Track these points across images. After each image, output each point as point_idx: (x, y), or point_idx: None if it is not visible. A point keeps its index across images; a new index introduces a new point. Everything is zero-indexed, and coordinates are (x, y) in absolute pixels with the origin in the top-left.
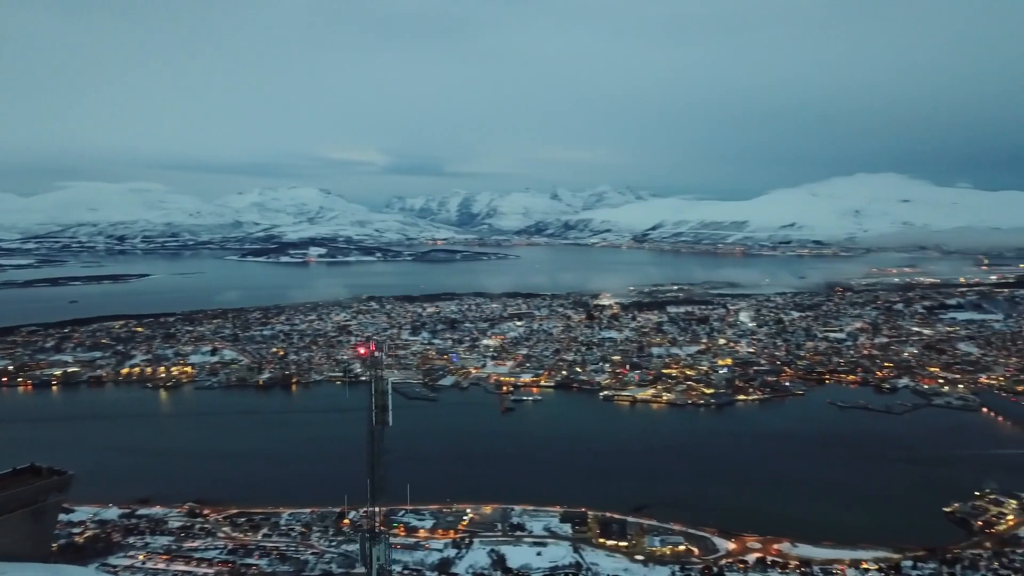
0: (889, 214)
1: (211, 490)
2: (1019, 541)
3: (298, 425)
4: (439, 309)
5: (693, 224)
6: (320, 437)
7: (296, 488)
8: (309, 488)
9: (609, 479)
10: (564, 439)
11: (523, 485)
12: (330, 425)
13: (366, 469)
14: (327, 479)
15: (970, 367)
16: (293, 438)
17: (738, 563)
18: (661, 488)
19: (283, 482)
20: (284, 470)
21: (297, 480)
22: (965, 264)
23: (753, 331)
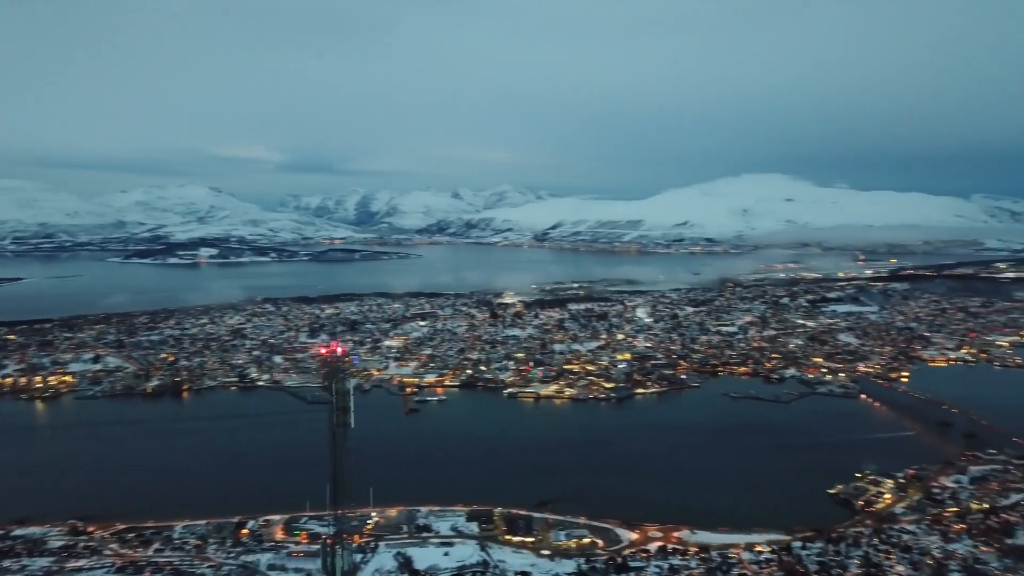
0: (775, 213)
1: (96, 505)
2: (896, 518)
3: (191, 434)
4: (339, 310)
5: (591, 223)
6: (215, 445)
7: (190, 499)
8: (204, 498)
9: (514, 476)
10: (469, 438)
11: (429, 486)
12: (226, 433)
13: (328, 472)
14: (223, 488)
15: (850, 356)
16: (186, 447)
17: (641, 552)
18: (565, 482)
19: (176, 494)
20: (177, 481)
21: (191, 491)
22: (844, 260)
23: (650, 326)
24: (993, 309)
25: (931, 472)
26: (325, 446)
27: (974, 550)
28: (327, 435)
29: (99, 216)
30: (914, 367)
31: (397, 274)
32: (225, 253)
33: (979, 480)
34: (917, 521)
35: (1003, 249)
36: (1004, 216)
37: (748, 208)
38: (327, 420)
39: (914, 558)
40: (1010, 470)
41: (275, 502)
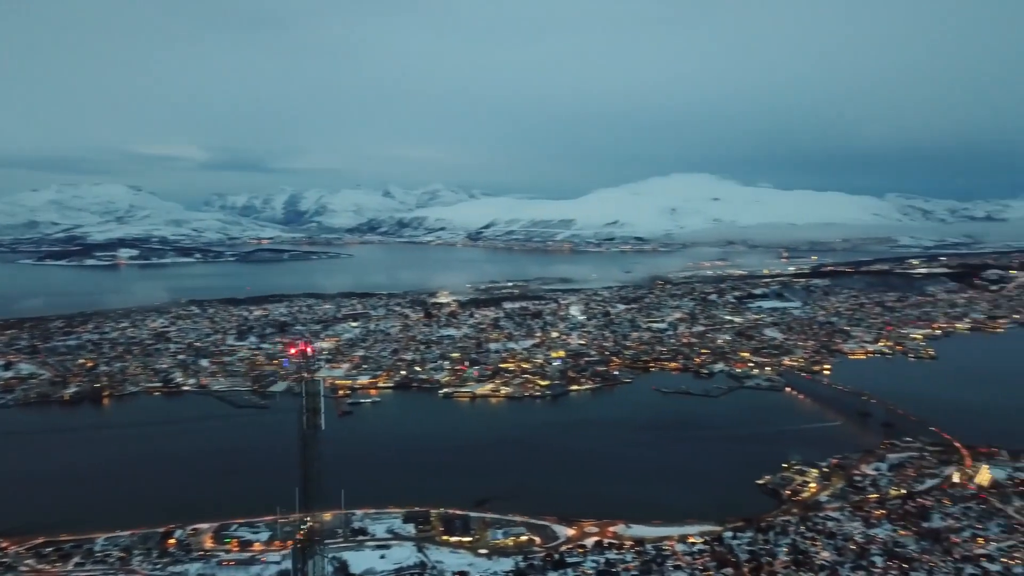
0: (702, 212)
1: (11, 519)
2: (821, 506)
3: (112, 441)
4: (267, 312)
5: (524, 222)
6: (138, 453)
7: (112, 510)
8: (128, 509)
9: (451, 476)
10: (405, 439)
11: (364, 488)
12: (150, 440)
13: (298, 475)
14: (148, 497)
15: (775, 351)
16: (107, 456)
17: (578, 548)
18: (502, 481)
19: (97, 504)
20: (98, 491)
21: (113, 501)
22: (768, 257)
23: (583, 324)
24: (907, 303)
25: (853, 461)
26: (257, 451)
27: (893, 534)
28: (296, 437)
29: (9, 216)
30: (835, 360)
31: (328, 274)
32: (146, 254)
33: (897, 467)
34: (841, 508)
35: (915, 246)
36: (916, 214)
37: (676, 207)
38: (260, 423)
39: (838, 544)
40: (925, 457)
41: (204, 510)
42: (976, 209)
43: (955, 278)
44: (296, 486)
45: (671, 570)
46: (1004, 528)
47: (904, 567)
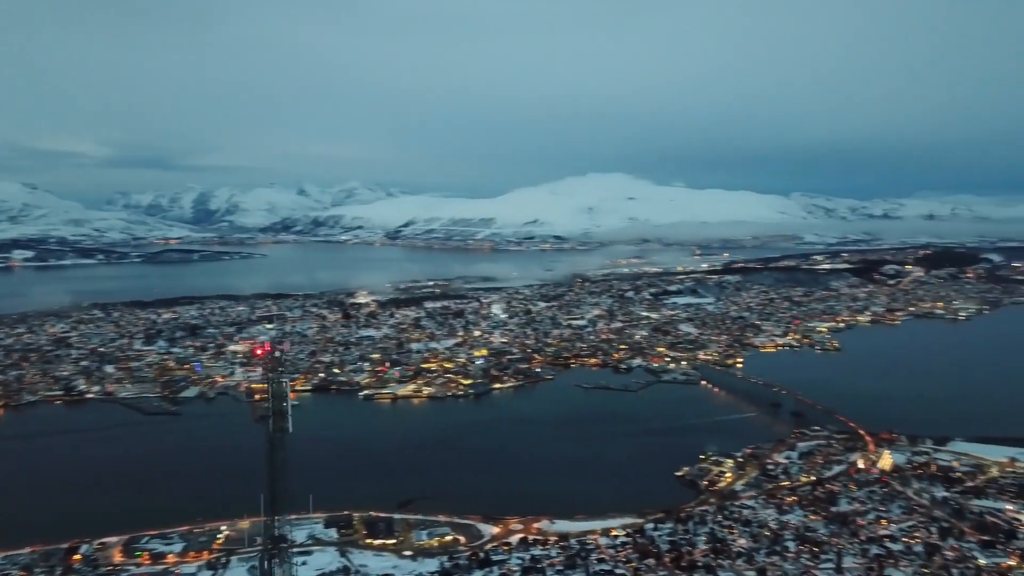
0: (618, 211)
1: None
2: (736, 495)
3: (9, 455)
4: (177, 315)
5: (444, 221)
6: (38, 465)
7: (10, 526)
8: (28, 524)
9: (373, 478)
10: (324, 442)
11: (285, 495)
12: (50, 451)
13: (265, 479)
14: (51, 512)
15: (690, 345)
16: (2, 469)
17: (503, 546)
18: (426, 481)
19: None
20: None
21: (11, 517)
22: (682, 254)
23: (505, 322)
24: (813, 298)
25: (765, 450)
26: (169, 458)
27: (804, 519)
28: (263, 441)
29: None
30: (747, 353)
31: (241, 275)
32: (43, 256)
33: (806, 455)
34: (755, 496)
35: (819, 243)
36: (820, 213)
37: (593, 206)
38: (171, 430)
39: (754, 531)
40: (832, 444)
41: (112, 523)
42: (874, 208)
43: (856, 273)
44: (219, 493)
45: (595, 563)
46: (904, 509)
47: (815, 550)
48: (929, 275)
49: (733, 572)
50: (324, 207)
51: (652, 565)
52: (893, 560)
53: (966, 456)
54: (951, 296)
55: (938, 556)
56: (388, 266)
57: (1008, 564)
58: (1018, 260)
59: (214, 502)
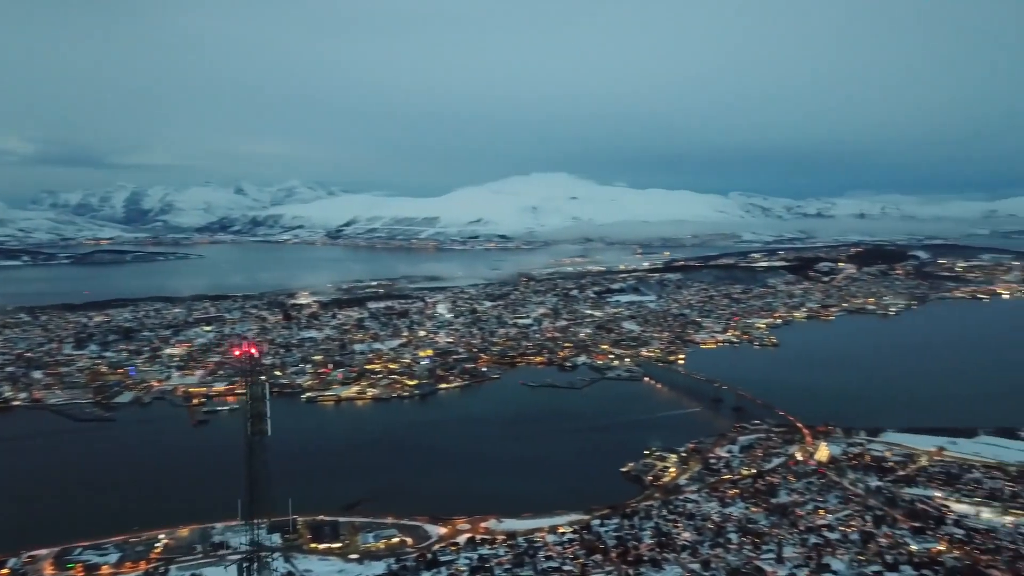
0: (561, 210)
1: None
2: (680, 489)
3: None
4: (109, 318)
5: (387, 220)
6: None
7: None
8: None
9: (317, 481)
10: (265, 446)
11: (224, 500)
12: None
13: (244, 484)
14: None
15: (633, 342)
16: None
17: (450, 546)
18: (372, 483)
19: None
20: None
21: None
22: (624, 253)
23: (450, 322)
24: (751, 295)
25: (708, 444)
26: (103, 466)
27: (746, 511)
28: (242, 444)
29: None
30: (689, 350)
31: (177, 276)
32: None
33: (747, 448)
34: (698, 490)
35: (757, 241)
36: (757, 211)
37: (537, 206)
38: (105, 437)
39: (698, 524)
40: (771, 437)
41: (43, 534)
42: (808, 207)
43: (792, 270)
44: (157, 501)
45: (543, 561)
46: (841, 499)
47: (756, 541)
48: (861, 272)
49: (678, 565)
50: (263, 206)
51: (599, 561)
52: (831, 548)
53: (898, 446)
54: (882, 292)
55: (873, 543)
56: (330, 266)
57: (938, 549)
58: (943, 257)
59: (151, 510)
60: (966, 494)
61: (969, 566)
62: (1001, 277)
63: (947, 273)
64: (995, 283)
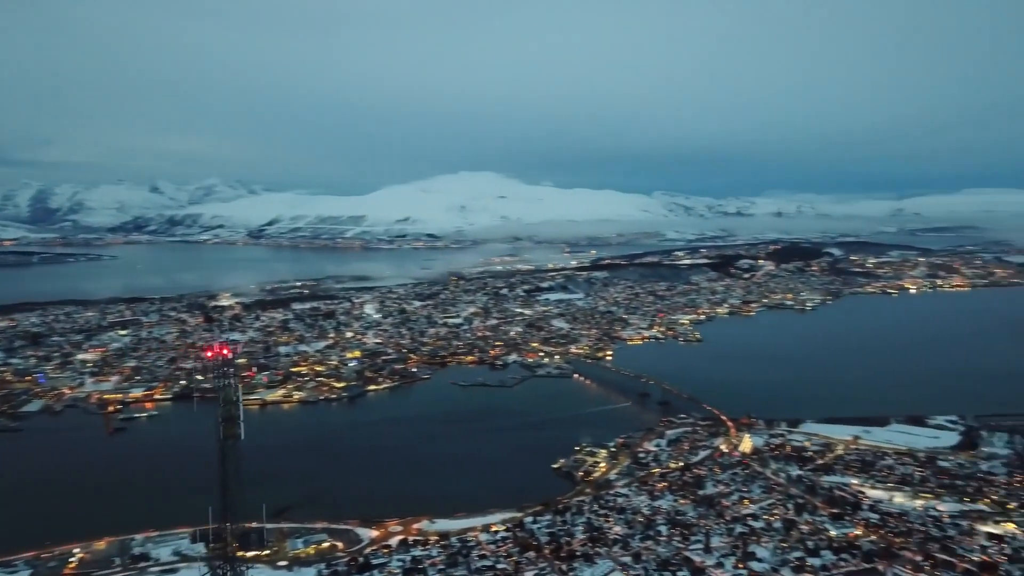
0: (489, 209)
1: None
2: (611, 484)
3: None
4: (15, 322)
5: (311, 219)
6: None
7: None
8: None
9: (243, 488)
10: (188, 453)
11: (144, 510)
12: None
13: (217, 489)
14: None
15: (563, 340)
16: None
17: (382, 549)
18: (301, 488)
19: None
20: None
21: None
22: (552, 252)
23: (379, 322)
24: (676, 292)
25: (636, 439)
26: (7, 479)
27: (675, 503)
28: (215, 448)
29: None
30: (616, 346)
31: (88, 278)
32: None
33: (674, 442)
34: (628, 484)
35: (680, 239)
36: (679, 211)
37: (465, 204)
38: (10, 449)
39: (628, 517)
40: (698, 431)
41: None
42: (729, 206)
43: (714, 268)
44: (70, 513)
45: (476, 560)
46: (764, 489)
47: (685, 532)
48: (779, 268)
49: (610, 559)
50: (180, 205)
51: (533, 558)
52: (756, 537)
53: (816, 436)
54: (799, 288)
55: (795, 530)
56: (253, 266)
57: (855, 534)
58: (855, 254)
59: (66, 523)
60: (880, 480)
61: (884, 548)
62: (908, 273)
63: (859, 269)
64: (903, 278)
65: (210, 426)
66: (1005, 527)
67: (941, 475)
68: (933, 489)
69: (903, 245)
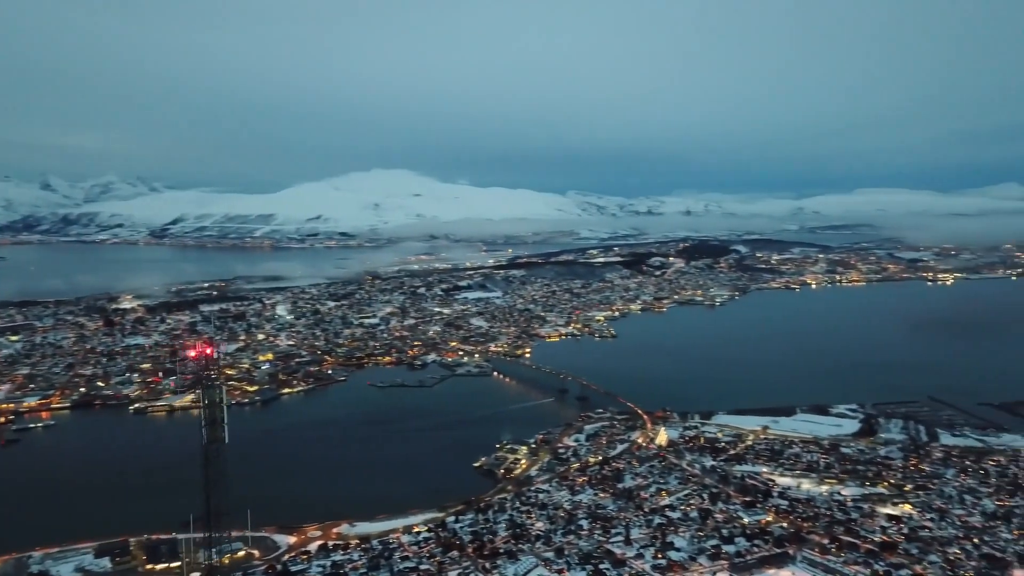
0: (404, 207)
1: None
2: (532, 480)
3: None
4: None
5: (218, 218)
6: None
7: None
8: None
9: (152, 498)
10: (90, 463)
11: (42, 525)
12: None
13: (203, 495)
14: None
15: (482, 338)
16: None
17: (301, 555)
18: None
19: None
20: None
21: None
22: (470, 250)
23: (292, 323)
24: (591, 289)
25: (556, 435)
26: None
27: (595, 497)
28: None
29: None
30: (535, 344)
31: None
32: None
33: (593, 437)
34: (549, 480)
35: (593, 238)
36: (592, 210)
37: (379, 202)
38: None
39: (550, 513)
40: (615, 425)
41: None
42: (639, 205)
43: (627, 266)
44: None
45: (399, 562)
46: (680, 480)
47: (606, 526)
48: (689, 266)
49: (533, 555)
50: (76, 204)
51: (456, 557)
52: (673, 527)
53: (728, 427)
54: (708, 284)
55: (710, 519)
56: (156, 267)
57: (767, 520)
58: (760, 251)
59: None
60: (788, 468)
61: (793, 533)
62: (809, 268)
63: (764, 265)
64: (804, 274)
65: (112, 435)
66: (902, 508)
67: (844, 461)
68: (837, 475)
69: (804, 242)
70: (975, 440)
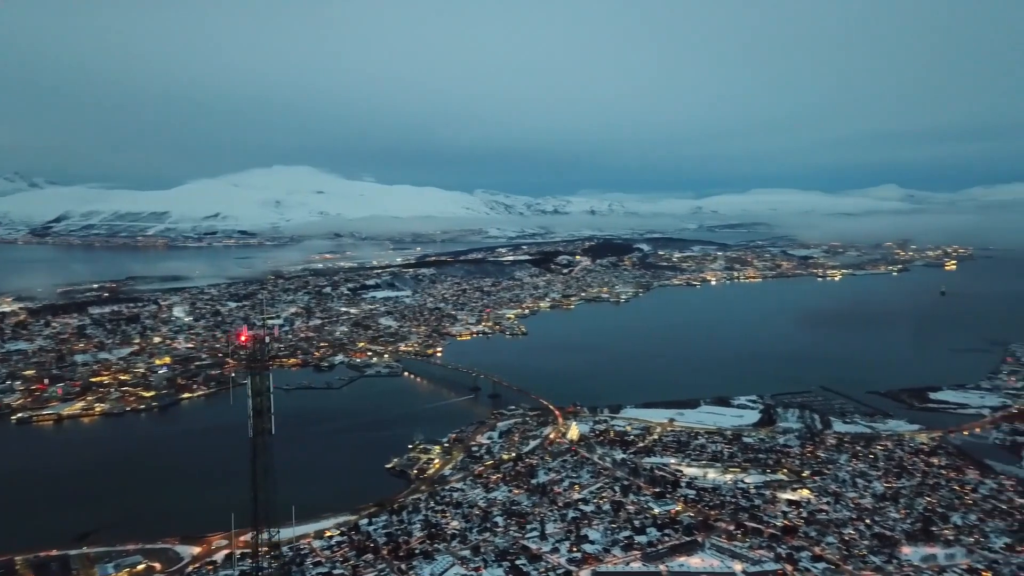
0: (307, 204)
1: None
2: (446, 480)
3: None
4: None
5: (106, 215)
6: None
7: None
8: None
9: (39, 514)
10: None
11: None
12: None
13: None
14: None
15: (391, 338)
16: None
17: (206, 565)
18: (108, 509)
19: None
20: None
21: None
22: (377, 249)
23: (191, 325)
24: (501, 287)
25: (469, 433)
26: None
27: (509, 494)
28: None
29: None
30: (446, 342)
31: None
32: None
33: (506, 433)
34: (463, 478)
35: (502, 236)
36: (500, 208)
37: (281, 200)
38: None
39: (465, 511)
40: (527, 421)
41: None
42: (546, 204)
43: (535, 264)
44: None
45: (311, 568)
46: (592, 473)
47: (521, 522)
48: (595, 264)
49: (449, 554)
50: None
51: (371, 560)
52: (587, 520)
53: (636, 420)
54: (613, 282)
55: (623, 511)
56: (39, 268)
57: (676, 510)
58: (662, 249)
59: None
60: (695, 458)
61: (701, 521)
62: (709, 266)
63: (666, 263)
64: (705, 271)
65: None
66: (801, 493)
67: (746, 450)
68: (740, 464)
69: (704, 240)
70: (864, 426)
